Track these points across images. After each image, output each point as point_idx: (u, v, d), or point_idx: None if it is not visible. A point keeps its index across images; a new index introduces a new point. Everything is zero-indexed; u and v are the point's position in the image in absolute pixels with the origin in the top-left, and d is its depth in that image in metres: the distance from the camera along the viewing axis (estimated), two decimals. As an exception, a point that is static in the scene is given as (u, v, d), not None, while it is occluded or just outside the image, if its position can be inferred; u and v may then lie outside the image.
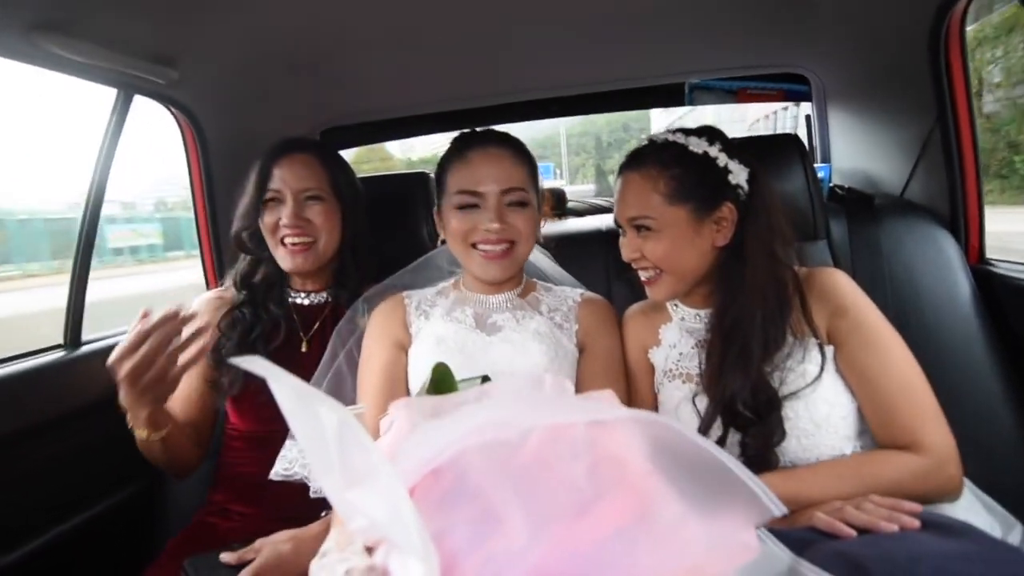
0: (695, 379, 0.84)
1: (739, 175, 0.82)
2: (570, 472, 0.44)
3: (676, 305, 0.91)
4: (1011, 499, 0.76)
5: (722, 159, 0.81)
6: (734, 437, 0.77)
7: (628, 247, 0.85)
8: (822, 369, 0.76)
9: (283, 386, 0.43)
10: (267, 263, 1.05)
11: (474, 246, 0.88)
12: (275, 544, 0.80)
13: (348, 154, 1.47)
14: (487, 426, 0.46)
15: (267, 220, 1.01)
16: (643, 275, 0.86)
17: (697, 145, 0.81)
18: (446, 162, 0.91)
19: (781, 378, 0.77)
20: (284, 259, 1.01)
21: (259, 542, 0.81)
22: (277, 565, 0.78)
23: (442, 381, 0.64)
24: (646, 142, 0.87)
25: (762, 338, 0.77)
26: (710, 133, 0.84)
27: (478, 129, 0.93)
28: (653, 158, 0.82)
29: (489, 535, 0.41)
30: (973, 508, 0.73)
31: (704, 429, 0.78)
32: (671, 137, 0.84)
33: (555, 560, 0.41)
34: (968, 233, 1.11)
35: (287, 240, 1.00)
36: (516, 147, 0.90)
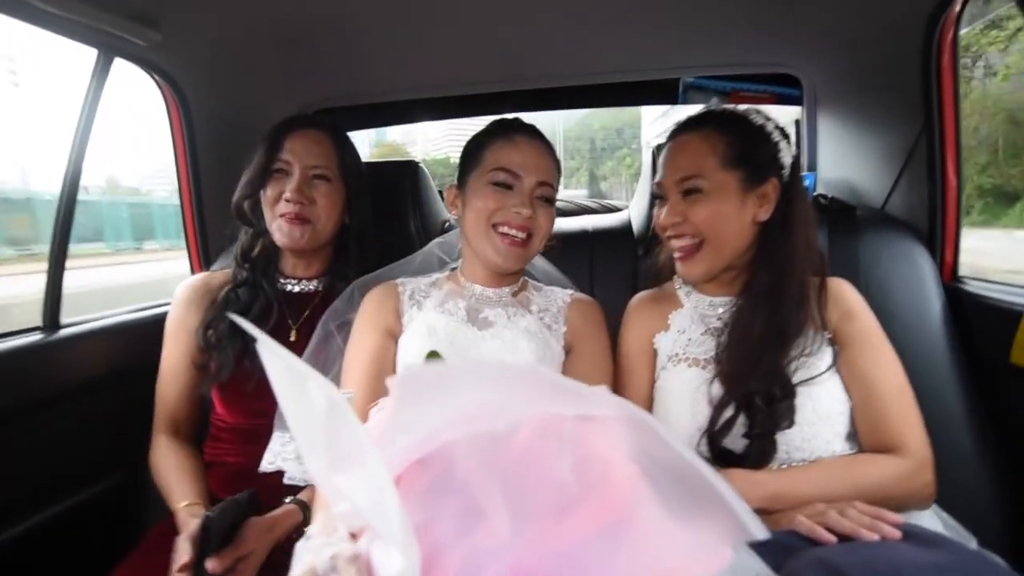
0: (701, 363, 0.84)
1: (786, 155, 0.84)
2: (556, 469, 0.44)
3: (689, 293, 0.92)
4: (967, 518, 0.78)
5: (776, 135, 0.83)
6: (742, 418, 0.79)
7: (671, 211, 0.84)
8: (831, 365, 0.80)
9: (275, 360, 0.42)
10: (265, 236, 1.03)
11: (495, 227, 0.87)
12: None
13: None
14: (478, 414, 0.46)
15: (270, 192, 0.99)
16: (679, 244, 0.85)
17: (756, 117, 0.84)
18: (487, 138, 0.91)
19: (796, 365, 0.79)
20: (279, 232, 0.99)
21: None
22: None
23: None
24: (693, 116, 0.87)
25: (796, 316, 0.80)
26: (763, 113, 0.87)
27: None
28: (713, 123, 0.84)
29: (472, 529, 0.41)
30: (933, 525, 0.75)
31: (719, 411, 0.79)
32: (729, 107, 0.86)
33: (536, 557, 0.40)
34: (944, 250, 1.12)
35: (286, 212, 0.97)
36: (552, 149, 0.93)
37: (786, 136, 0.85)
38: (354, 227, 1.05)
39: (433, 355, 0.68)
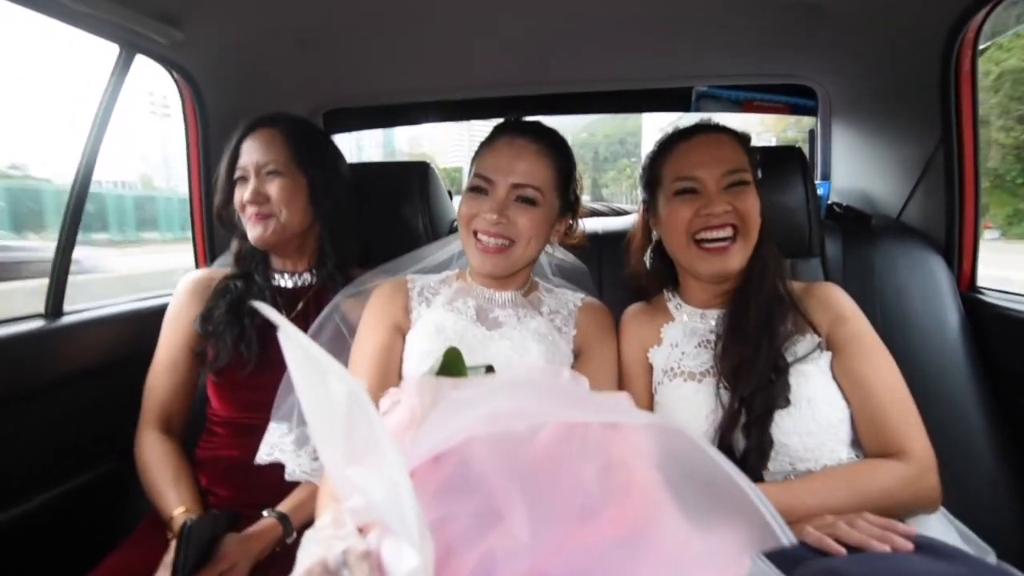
0: (697, 377, 0.84)
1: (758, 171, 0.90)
2: (579, 474, 0.43)
3: (679, 306, 0.92)
4: (985, 530, 0.77)
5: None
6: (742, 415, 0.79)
7: (718, 202, 0.83)
8: (818, 344, 0.81)
9: (295, 348, 0.41)
10: (248, 238, 1.04)
11: (475, 234, 0.87)
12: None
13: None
14: (500, 415, 0.45)
15: (237, 198, 1.00)
16: (719, 235, 0.84)
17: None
18: (480, 145, 0.91)
19: (785, 347, 0.81)
20: (249, 231, 1.00)
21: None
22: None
23: (452, 365, 0.62)
24: (707, 123, 0.91)
25: (779, 302, 0.83)
26: None
27: (527, 119, 0.92)
28: (724, 130, 0.89)
29: (489, 530, 0.40)
30: (949, 536, 0.74)
31: (728, 410, 0.79)
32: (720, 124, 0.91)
33: (553, 562, 0.40)
34: (961, 260, 1.12)
35: (249, 214, 0.99)
36: (549, 144, 0.88)
37: None
38: (320, 217, 1.04)
39: (451, 351, 0.67)
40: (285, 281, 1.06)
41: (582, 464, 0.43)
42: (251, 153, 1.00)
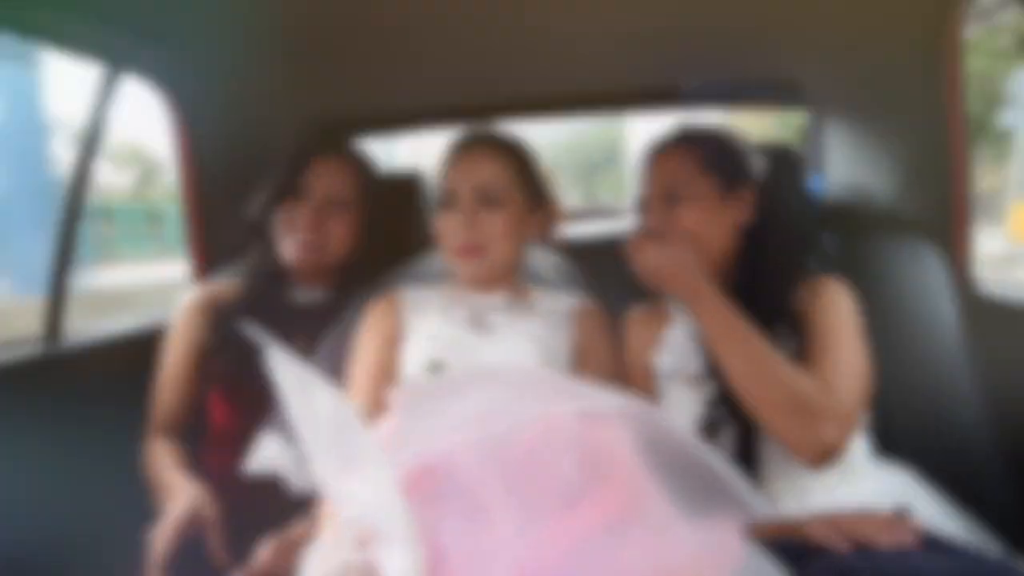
0: (696, 381, 0.84)
1: (757, 163, 0.89)
2: (560, 466, 0.45)
3: (680, 308, 0.91)
4: (986, 522, 0.77)
5: (741, 145, 0.89)
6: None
7: (657, 215, 0.85)
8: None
9: (284, 368, 0.43)
10: (275, 253, 1.03)
11: (452, 246, 0.88)
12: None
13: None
14: (482, 417, 0.46)
15: (286, 213, 0.99)
16: None
17: (720, 130, 0.90)
18: (440, 164, 0.93)
19: None
20: (288, 250, 0.99)
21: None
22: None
23: None
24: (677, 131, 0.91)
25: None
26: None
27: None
28: (686, 136, 0.88)
29: (478, 530, 0.42)
30: (951, 530, 0.73)
31: (713, 406, 0.79)
32: (694, 124, 0.91)
33: (542, 554, 0.41)
34: (956, 251, 1.12)
35: (298, 238, 0.98)
36: (499, 144, 0.90)
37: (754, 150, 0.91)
38: (364, 245, 1.04)
39: (435, 366, 0.67)
40: (303, 298, 1.05)
41: (562, 456, 0.45)
42: (320, 177, 0.98)
